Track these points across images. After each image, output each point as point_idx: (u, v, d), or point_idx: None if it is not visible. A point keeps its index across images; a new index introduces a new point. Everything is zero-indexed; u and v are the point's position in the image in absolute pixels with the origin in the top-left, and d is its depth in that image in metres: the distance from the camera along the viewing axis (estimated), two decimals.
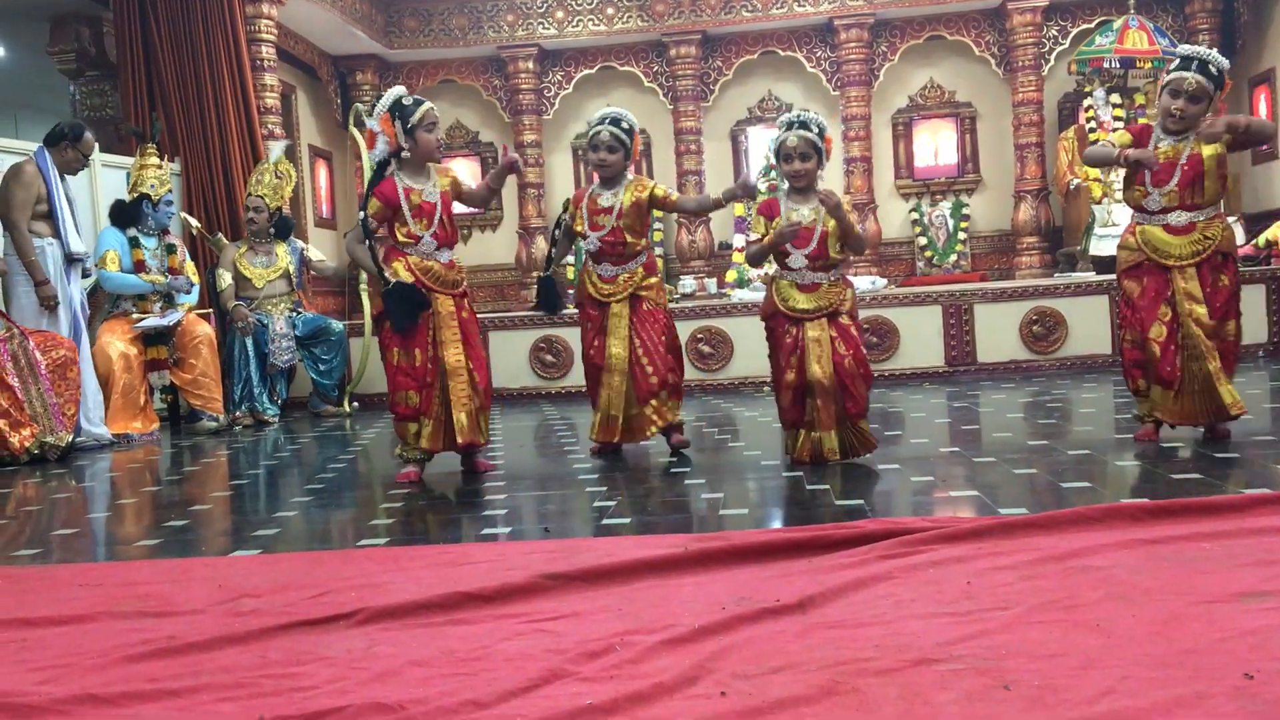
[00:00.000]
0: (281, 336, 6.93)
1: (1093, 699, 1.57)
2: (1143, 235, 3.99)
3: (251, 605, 2.40)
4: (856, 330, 4.06)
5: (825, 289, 4.02)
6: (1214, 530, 2.51)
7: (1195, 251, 3.91)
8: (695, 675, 1.75)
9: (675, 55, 9.56)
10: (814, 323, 4.00)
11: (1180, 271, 3.91)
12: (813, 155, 4.01)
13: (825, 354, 3.96)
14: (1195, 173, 3.90)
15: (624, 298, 4.46)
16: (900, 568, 2.35)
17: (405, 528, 3.39)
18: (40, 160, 5.97)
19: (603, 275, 4.51)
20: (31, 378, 5.53)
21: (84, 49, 8.05)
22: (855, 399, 3.98)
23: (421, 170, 4.20)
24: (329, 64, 9.62)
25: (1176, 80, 3.88)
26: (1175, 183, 3.90)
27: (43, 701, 1.77)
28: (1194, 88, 3.86)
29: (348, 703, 1.70)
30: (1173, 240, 3.93)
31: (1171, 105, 3.88)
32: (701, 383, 7.50)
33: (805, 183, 4.06)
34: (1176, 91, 3.88)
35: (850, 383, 3.97)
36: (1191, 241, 3.91)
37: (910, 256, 9.79)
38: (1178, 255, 3.92)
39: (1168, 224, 3.94)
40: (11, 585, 2.75)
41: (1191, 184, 3.91)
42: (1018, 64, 9.16)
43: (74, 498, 4.50)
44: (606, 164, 4.46)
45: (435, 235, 4.16)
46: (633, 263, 4.48)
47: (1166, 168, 3.91)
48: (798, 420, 4.06)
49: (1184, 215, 3.93)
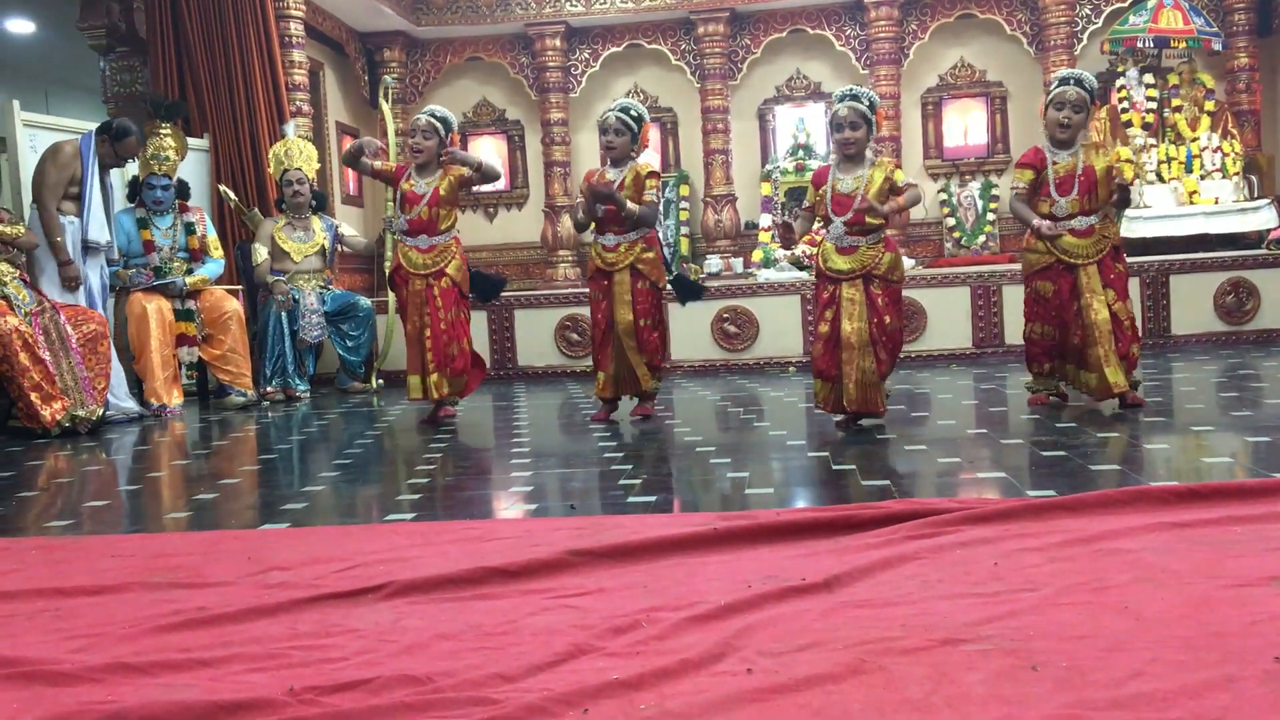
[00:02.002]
0: (312, 312, 6.97)
1: (1121, 681, 1.56)
2: (1052, 241, 4.53)
3: (281, 578, 2.42)
4: (887, 299, 4.29)
5: (862, 251, 4.27)
6: (1244, 514, 2.49)
7: (1098, 250, 4.50)
8: (721, 652, 1.75)
9: (703, 33, 9.49)
10: (851, 283, 4.27)
11: (1084, 269, 4.49)
12: (862, 125, 4.29)
13: (858, 313, 4.24)
14: (1090, 181, 4.46)
15: (625, 266, 4.86)
16: (927, 548, 2.34)
17: (432, 503, 3.41)
18: (84, 144, 6.03)
19: (606, 245, 4.93)
20: (63, 351, 5.59)
21: (114, 25, 8.08)
22: (876, 361, 4.25)
23: (427, 169, 5.12)
24: (356, 41, 9.62)
25: (1059, 94, 4.47)
26: (1075, 192, 4.47)
27: (76, 669, 1.80)
28: (1076, 98, 4.44)
29: (376, 674, 1.71)
30: (1079, 243, 4.50)
31: (1060, 116, 4.46)
32: (727, 362, 7.49)
33: (855, 150, 4.34)
34: (1061, 104, 4.46)
35: (873, 347, 4.24)
36: (1094, 242, 4.50)
37: (938, 237, 9.72)
38: (1084, 255, 4.49)
39: (1073, 229, 4.50)
40: (45, 555, 2.79)
41: (1088, 192, 4.47)
42: (1049, 43, 9.04)
43: (104, 470, 4.54)
44: (614, 146, 4.93)
45: (411, 221, 5.04)
46: (634, 233, 4.88)
47: (1066, 180, 4.50)
48: (824, 371, 4.33)
49: (1084, 220, 4.49)
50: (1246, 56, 8.84)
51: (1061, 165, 4.50)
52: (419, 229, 5.07)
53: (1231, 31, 8.84)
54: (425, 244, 5.09)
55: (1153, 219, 8.08)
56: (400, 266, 5.16)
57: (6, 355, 5.37)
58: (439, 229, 5.10)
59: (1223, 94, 8.84)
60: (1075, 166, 4.48)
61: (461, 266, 5.17)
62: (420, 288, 5.09)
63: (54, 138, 6.33)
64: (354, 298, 7.27)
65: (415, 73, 9.98)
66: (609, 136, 4.93)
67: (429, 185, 5.09)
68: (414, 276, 5.12)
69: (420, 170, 5.10)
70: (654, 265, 4.92)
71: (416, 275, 5.11)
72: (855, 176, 4.29)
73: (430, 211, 5.04)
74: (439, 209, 5.07)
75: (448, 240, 5.13)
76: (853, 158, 4.35)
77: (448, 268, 5.10)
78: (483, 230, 10.32)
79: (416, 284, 5.10)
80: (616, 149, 4.92)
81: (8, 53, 11.54)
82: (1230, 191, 8.16)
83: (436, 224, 5.08)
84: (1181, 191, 8.19)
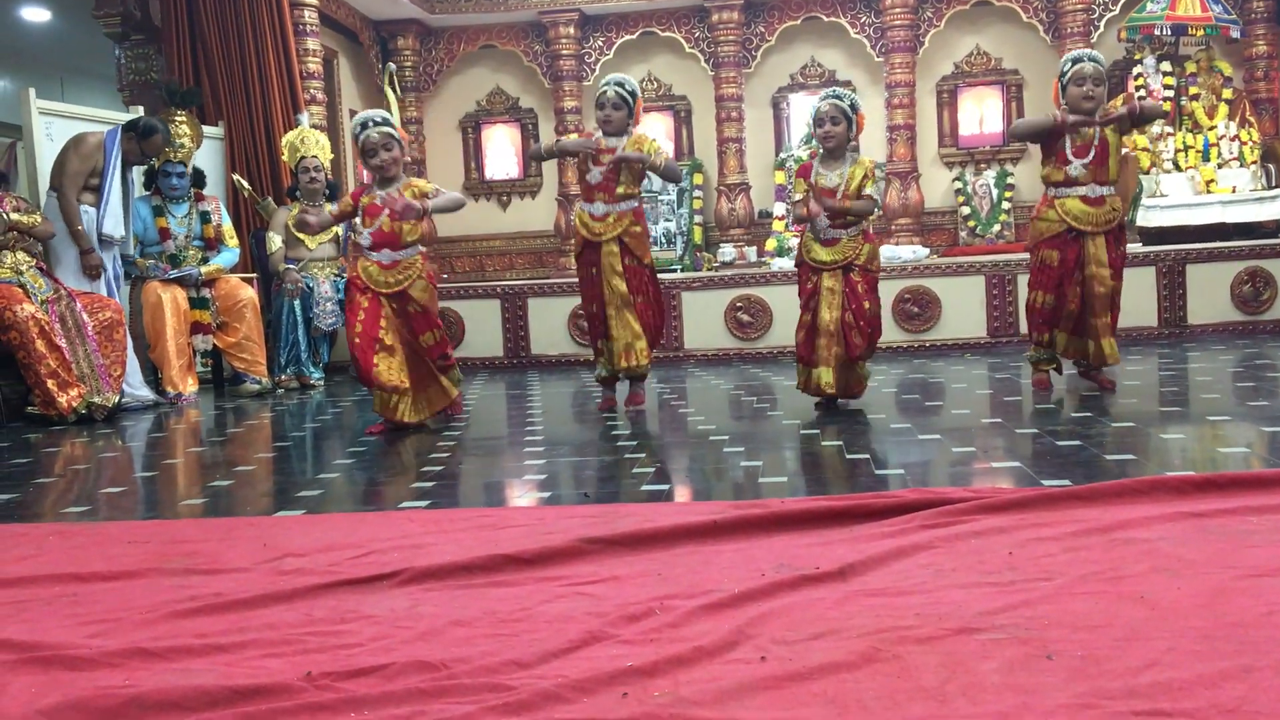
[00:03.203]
0: (326, 300, 6.99)
1: (1136, 670, 1.56)
2: (1063, 206, 4.63)
3: (296, 564, 2.43)
4: (866, 286, 4.58)
5: (844, 243, 4.56)
6: (1261, 504, 2.48)
7: (1106, 221, 4.61)
8: (735, 640, 1.76)
9: (717, 20, 9.46)
10: (831, 274, 4.56)
11: (1092, 238, 4.61)
12: (842, 120, 4.52)
13: (835, 303, 4.54)
14: (1104, 153, 4.57)
15: (613, 238, 4.84)
16: (941, 537, 2.34)
17: (445, 490, 3.42)
18: (110, 138, 6.07)
19: (594, 214, 4.88)
20: (79, 338, 5.62)
21: (129, 13, 8.10)
22: (851, 346, 4.55)
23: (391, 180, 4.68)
24: (370, 29, 9.61)
25: (1077, 71, 4.54)
26: (1092, 158, 4.56)
27: (93, 654, 1.81)
28: (1094, 72, 4.52)
29: (391, 660, 1.72)
30: (1090, 210, 4.60)
31: (1082, 91, 4.52)
32: (740, 351, 7.48)
33: (834, 144, 4.58)
34: (1081, 79, 4.53)
35: (848, 332, 4.54)
36: (1104, 212, 4.61)
37: (953, 226, 9.68)
38: (1093, 224, 4.60)
39: (1085, 195, 4.60)
40: (62, 541, 2.81)
41: (1103, 162, 4.57)
42: (1066, 30, 8.98)
43: (121, 457, 4.57)
44: (611, 120, 4.86)
45: (374, 234, 4.60)
46: (624, 204, 4.86)
47: (1083, 148, 4.58)
48: (805, 357, 4.62)
49: (1096, 189, 4.59)
50: (1265, 44, 8.77)
51: (1080, 136, 4.58)
52: (381, 242, 4.60)
53: (1250, 19, 8.77)
54: (388, 259, 4.61)
55: (1169, 208, 8.03)
56: (358, 278, 4.66)
57: (23, 342, 5.41)
58: (403, 243, 4.63)
59: (1240, 82, 8.78)
60: (1093, 137, 4.57)
61: (429, 287, 4.70)
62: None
63: (69, 126, 6.35)
64: None
65: (429, 60, 9.98)
66: (607, 110, 4.85)
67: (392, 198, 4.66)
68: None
69: (384, 182, 4.67)
70: (641, 241, 4.90)
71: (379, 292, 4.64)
72: (838, 172, 4.56)
73: (394, 225, 4.59)
74: (403, 222, 4.61)
75: (412, 256, 4.65)
76: (834, 152, 4.59)
77: (412, 289, 4.61)
78: (496, 219, 10.33)
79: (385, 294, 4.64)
80: (614, 123, 4.86)
81: (23, 41, 11.58)
82: (1248, 180, 8.10)
83: (400, 237, 4.61)
84: (1199, 180, 8.13)
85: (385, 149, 4.61)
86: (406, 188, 4.63)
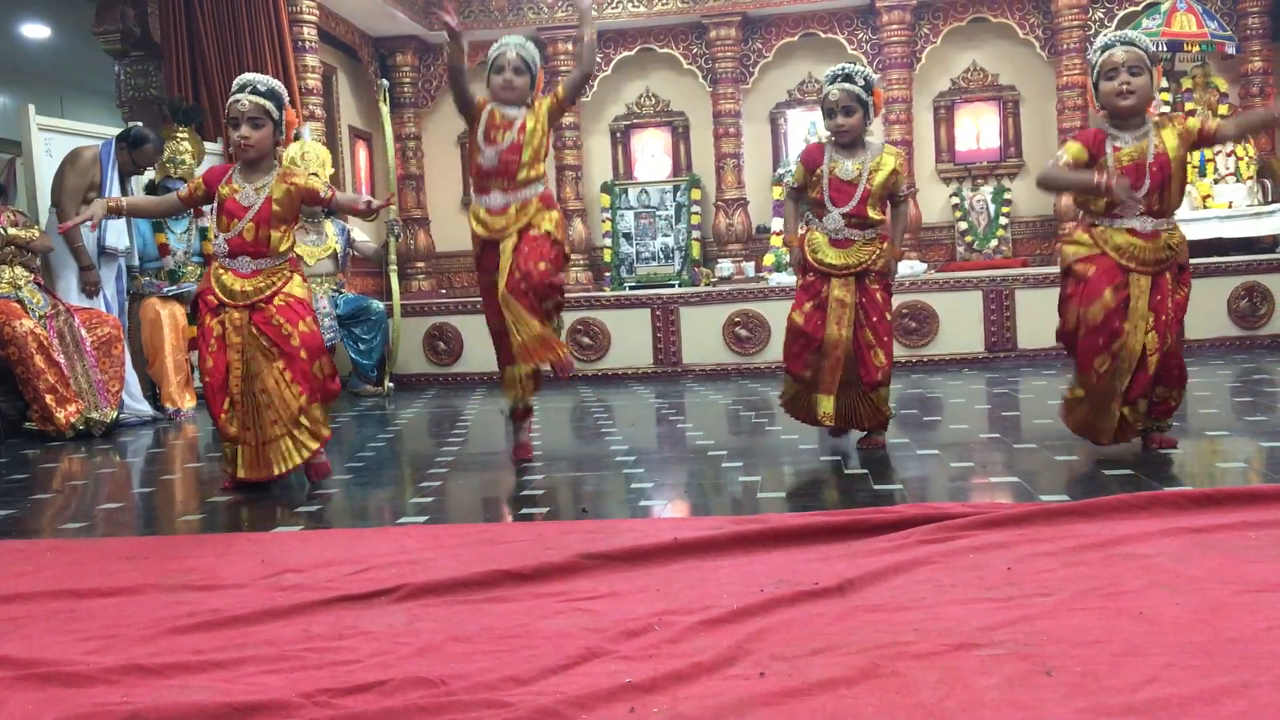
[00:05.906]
0: (324, 315, 6.98)
1: (1135, 686, 1.56)
2: (1101, 234, 3.50)
3: (294, 580, 2.43)
4: (884, 296, 3.91)
5: (859, 246, 3.87)
6: (1260, 519, 2.48)
7: (1158, 260, 3.45)
8: (734, 656, 1.75)
9: (715, 37, 9.49)
10: (843, 282, 3.85)
11: (1135, 281, 3.44)
12: (857, 109, 3.85)
13: (845, 319, 3.83)
14: (1164, 175, 3.42)
15: (513, 233, 3.90)
16: (940, 552, 2.34)
17: (443, 506, 3.41)
18: (105, 151, 6.07)
19: (490, 208, 3.95)
20: (77, 354, 5.62)
21: (129, 29, 8.13)
22: (869, 369, 3.85)
23: (259, 169, 3.75)
24: (369, 45, 9.65)
25: (1106, 60, 3.49)
26: (1146, 187, 3.40)
27: (91, 670, 1.81)
28: (1129, 58, 3.44)
29: (389, 676, 1.72)
30: (1139, 243, 3.44)
31: (1115, 85, 3.45)
32: (739, 366, 7.48)
33: (850, 138, 3.90)
34: (1112, 71, 3.46)
35: (866, 353, 3.85)
36: (1156, 248, 3.44)
37: (950, 241, 9.69)
38: (1140, 260, 3.44)
39: (1133, 228, 3.45)
40: (60, 557, 2.80)
41: (1161, 187, 3.43)
42: (1062, 47, 9.02)
43: (119, 473, 4.56)
44: (514, 86, 4.04)
45: (230, 241, 3.67)
46: (527, 190, 3.95)
47: (1132, 169, 3.41)
48: (797, 370, 3.92)
49: (1150, 222, 3.45)
50: (1260, 60, 8.81)
51: (1126, 151, 3.44)
52: (239, 250, 3.68)
53: (1245, 35, 8.80)
54: (247, 268, 3.70)
55: None
56: (209, 290, 3.75)
57: (22, 358, 5.41)
58: (270, 251, 3.72)
59: (1236, 98, 8.81)
60: (1145, 152, 3.43)
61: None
62: (241, 322, 3.67)
63: (69, 142, 6.36)
64: (366, 301, 7.28)
65: (428, 77, 10.01)
66: (507, 75, 4.01)
67: (257, 194, 3.70)
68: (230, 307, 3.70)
69: (247, 170, 3.74)
70: (560, 226, 3.98)
71: (234, 307, 3.69)
72: (858, 161, 3.86)
73: (257, 231, 3.68)
74: (269, 229, 3.69)
75: (279, 264, 3.76)
76: (849, 145, 3.92)
77: (275, 302, 3.71)
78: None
79: (235, 316, 3.68)
80: (517, 89, 4.02)
81: (23, 57, 11.62)
82: (1244, 196, 8.13)
83: (266, 246, 3.70)
84: (1195, 195, 8.16)
85: (252, 123, 3.67)
86: (284, 179, 3.74)
